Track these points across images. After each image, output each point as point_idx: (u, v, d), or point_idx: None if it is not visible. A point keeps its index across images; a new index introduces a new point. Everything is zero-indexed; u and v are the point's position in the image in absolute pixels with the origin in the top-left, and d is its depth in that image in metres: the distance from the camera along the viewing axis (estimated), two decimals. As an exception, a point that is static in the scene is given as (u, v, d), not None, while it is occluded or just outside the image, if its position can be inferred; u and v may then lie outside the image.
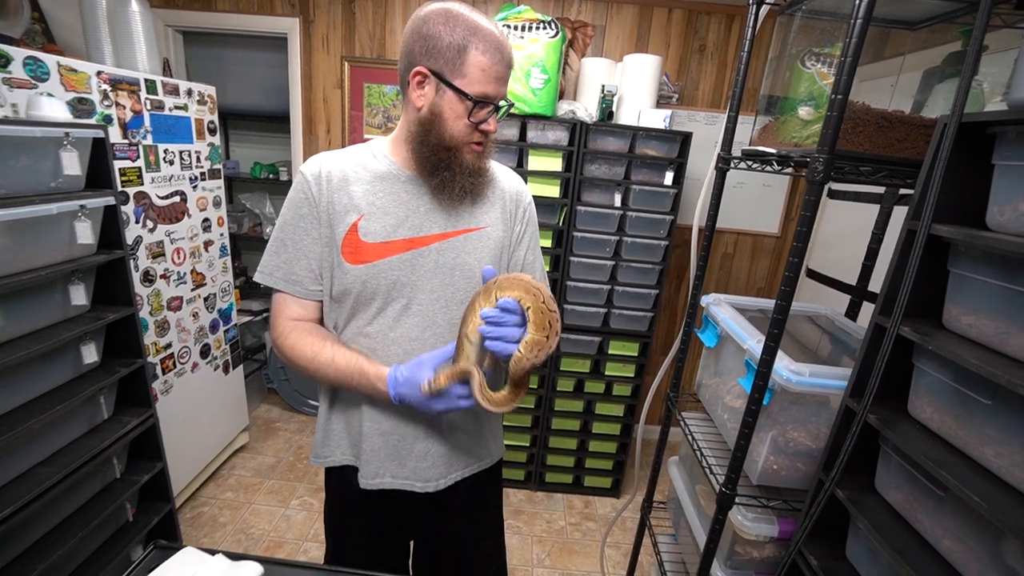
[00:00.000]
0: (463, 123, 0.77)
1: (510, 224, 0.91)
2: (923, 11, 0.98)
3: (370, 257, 0.81)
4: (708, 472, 1.11)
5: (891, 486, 0.83)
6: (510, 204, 0.91)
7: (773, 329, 0.87)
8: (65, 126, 1.04)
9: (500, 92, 0.78)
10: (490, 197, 0.89)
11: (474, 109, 0.75)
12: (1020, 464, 0.64)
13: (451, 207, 0.84)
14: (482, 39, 0.74)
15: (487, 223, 0.87)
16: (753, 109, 1.20)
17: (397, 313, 0.84)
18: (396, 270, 0.82)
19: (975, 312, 0.71)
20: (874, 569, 0.85)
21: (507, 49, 0.77)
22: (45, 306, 1.10)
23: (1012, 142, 0.67)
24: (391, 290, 0.82)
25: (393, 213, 0.82)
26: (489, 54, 0.74)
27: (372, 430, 0.87)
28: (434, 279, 0.84)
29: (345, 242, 0.82)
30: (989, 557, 0.66)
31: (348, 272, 0.82)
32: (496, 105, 0.78)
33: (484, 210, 0.88)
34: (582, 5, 2.26)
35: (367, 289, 0.82)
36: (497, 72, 0.76)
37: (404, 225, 0.82)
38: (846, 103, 0.74)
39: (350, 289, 0.82)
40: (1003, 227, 0.69)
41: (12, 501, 1.02)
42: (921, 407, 0.79)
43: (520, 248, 0.93)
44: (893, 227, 1.31)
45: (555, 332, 0.72)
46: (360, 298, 0.83)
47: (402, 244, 0.82)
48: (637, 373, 2.17)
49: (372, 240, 0.81)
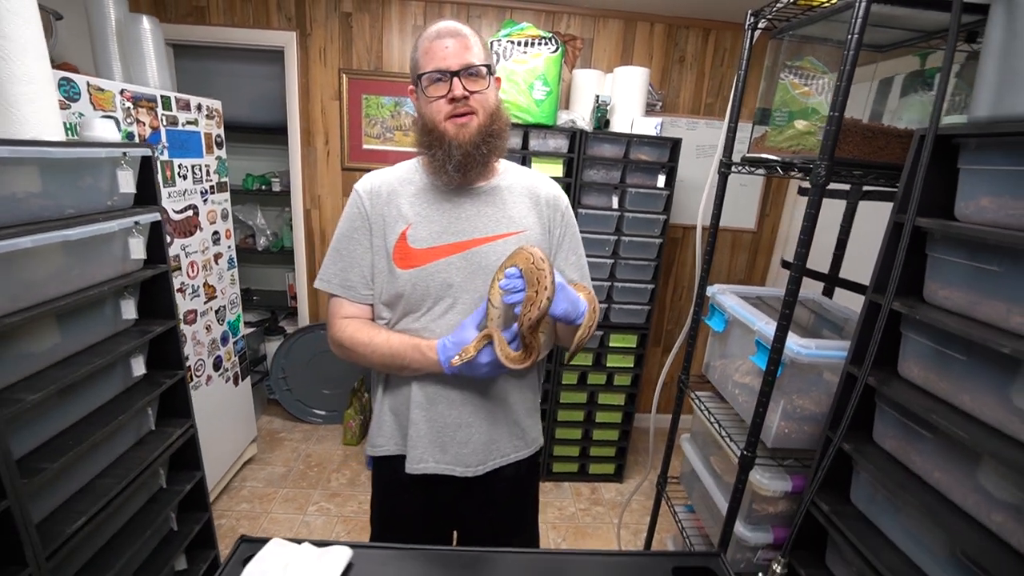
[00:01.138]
0: (431, 103, 0.85)
1: (547, 227, 0.97)
2: (890, 38, 1.17)
3: (419, 262, 0.90)
4: (728, 440, 1.25)
5: (887, 436, 0.99)
6: (547, 209, 0.97)
7: (785, 310, 1.02)
8: (120, 146, 1.08)
9: (448, 63, 0.83)
10: (527, 202, 0.96)
11: (425, 83, 0.84)
12: (990, 405, 0.80)
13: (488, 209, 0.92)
14: (425, 35, 0.85)
15: (526, 227, 0.94)
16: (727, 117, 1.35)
17: (443, 311, 0.92)
18: (443, 272, 0.90)
19: (950, 287, 0.88)
20: (874, 507, 1.02)
21: (445, 28, 0.84)
22: (98, 321, 1.13)
23: (973, 151, 0.84)
24: (439, 291, 0.91)
25: (438, 220, 0.90)
26: (429, 40, 0.84)
27: (419, 417, 0.94)
28: (476, 279, 0.91)
29: (396, 249, 0.91)
30: (969, 481, 0.83)
31: (399, 276, 0.90)
32: (444, 72, 0.83)
33: (523, 214, 0.95)
34: (571, 19, 2.41)
35: (416, 291, 0.90)
36: (437, 48, 0.83)
37: (448, 231, 0.90)
38: (842, 118, 0.90)
39: (401, 292, 0.91)
40: (968, 218, 0.86)
41: (79, 512, 1.05)
42: (909, 368, 0.95)
43: (561, 250, 1.00)
44: (859, 220, 1.50)
45: (543, 287, 0.77)
46: (411, 300, 0.91)
47: (448, 248, 0.90)
48: (636, 363, 2.32)
49: (420, 246, 0.90)
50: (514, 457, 1.01)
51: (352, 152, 2.54)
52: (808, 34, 1.14)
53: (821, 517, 1.06)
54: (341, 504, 2.22)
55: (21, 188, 0.89)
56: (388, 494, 1.06)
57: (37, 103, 0.90)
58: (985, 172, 0.82)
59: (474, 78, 0.84)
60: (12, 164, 0.86)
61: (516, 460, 1.02)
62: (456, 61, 0.83)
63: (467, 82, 0.83)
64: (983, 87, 0.83)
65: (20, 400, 0.89)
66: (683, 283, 2.80)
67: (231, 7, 2.34)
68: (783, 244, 2.72)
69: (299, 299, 2.80)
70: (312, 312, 2.81)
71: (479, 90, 0.85)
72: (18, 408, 0.87)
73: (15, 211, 0.87)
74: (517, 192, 0.95)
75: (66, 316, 1.04)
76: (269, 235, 3.03)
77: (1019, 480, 0.75)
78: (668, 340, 2.89)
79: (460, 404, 0.94)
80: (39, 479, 0.92)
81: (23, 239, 0.84)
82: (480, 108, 0.85)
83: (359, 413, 2.64)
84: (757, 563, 1.27)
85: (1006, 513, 0.77)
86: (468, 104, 0.84)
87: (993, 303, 0.80)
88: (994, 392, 0.79)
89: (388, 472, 1.03)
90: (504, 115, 0.91)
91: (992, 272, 0.80)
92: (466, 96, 0.83)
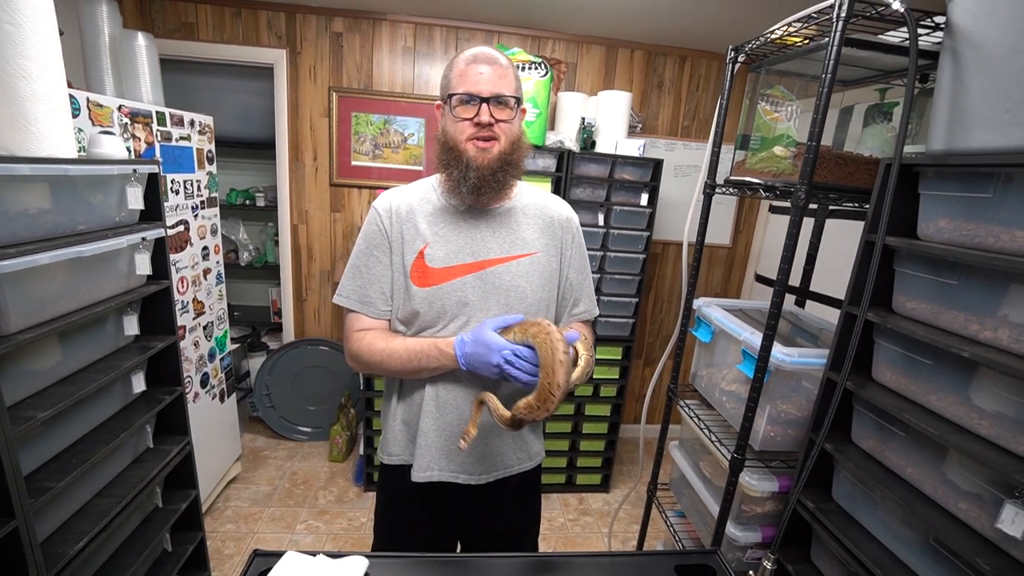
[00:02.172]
0: (456, 122, 0.88)
1: (559, 249, 1.00)
2: (855, 75, 1.30)
3: (435, 280, 0.93)
4: (717, 444, 1.33)
5: (864, 436, 1.08)
6: (559, 231, 1.01)
7: (771, 321, 1.11)
8: (131, 163, 1.09)
9: (480, 89, 0.86)
10: (539, 224, 0.99)
11: (454, 103, 0.87)
12: (953, 404, 0.90)
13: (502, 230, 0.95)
14: (462, 57, 0.89)
15: (537, 249, 0.98)
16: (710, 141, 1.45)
17: (457, 328, 0.95)
18: (458, 291, 0.93)
19: (916, 298, 0.98)
20: (854, 503, 1.10)
21: (482, 54, 0.88)
22: (101, 337, 1.12)
23: (931, 178, 0.96)
24: (454, 309, 0.94)
25: (454, 241, 0.94)
26: (464, 62, 0.88)
27: (428, 427, 0.97)
28: (490, 299, 0.94)
29: (413, 268, 0.94)
30: (937, 475, 0.92)
31: (415, 294, 0.93)
32: (474, 96, 0.86)
33: (535, 236, 0.98)
34: (556, 44, 2.52)
35: (432, 309, 0.94)
36: (471, 72, 0.86)
37: (464, 251, 0.94)
38: (818, 148, 1.00)
39: (417, 309, 0.94)
40: (929, 237, 0.96)
41: (81, 533, 1.03)
42: (882, 372, 1.05)
43: (571, 270, 1.03)
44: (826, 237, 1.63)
45: (546, 411, 0.79)
46: (426, 317, 0.95)
47: (463, 268, 0.94)
48: (621, 375, 2.40)
49: (437, 265, 0.93)
50: (517, 469, 1.04)
51: (341, 168, 2.56)
52: (783, 69, 1.26)
53: (807, 514, 1.14)
54: (330, 521, 2.19)
55: (35, 205, 0.89)
56: (395, 500, 1.07)
57: (54, 121, 0.91)
58: (942, 198, 0.93)
59: (502, 107, 0.88)
60: (31, 181, 0.86)
61: (520, 472, 1.05)
62: (488, 88, 0.86)
63: (495, 110, 0.87)
64: (937, 123, 0.94)
65: (30, 418, 0.88)
66: (663, 297, 2.91)
67: (220, 24, 2.35)
68: (756, 259, 2.87)
69: (284, 315, 2.77)
70: (297, 328, 2.78)
71: (505, 119, 0.88)
72: (28, 426, 0.86)
73: (31, 227, 0.87)
74: (531, 214, 0.99)
75: (70, 332, 1.03)
76: (252, 250, 3.00)
77: (978, 470, 0.84)
78: (649, 352, 2.99)
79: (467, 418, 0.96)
80: (44, 498, 0.91)
81: (41, 255, 0.85)
82: (503, 136, 0.89)
83: (346, 429, 2.61)
84: (747, 561, 1.34)
85: (970, 501, 0.86)
86: (492, 130, 0.87)
87: (953, 312, 0.90)
88: (956, 392, 0.89)
89: (396, 479, 1.04)
90: (524, 144, 0.94)
91: (951, 285, 0.91)
92: (491, 123, 0.87)
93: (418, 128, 2.54)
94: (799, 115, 1.29)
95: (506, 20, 2.39)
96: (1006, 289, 0.82)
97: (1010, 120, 0.81)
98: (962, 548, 0.82)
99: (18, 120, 0.85)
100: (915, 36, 0.91)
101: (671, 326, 2.94)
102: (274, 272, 2.82)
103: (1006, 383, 0.81)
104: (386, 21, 2.40)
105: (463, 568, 0.91)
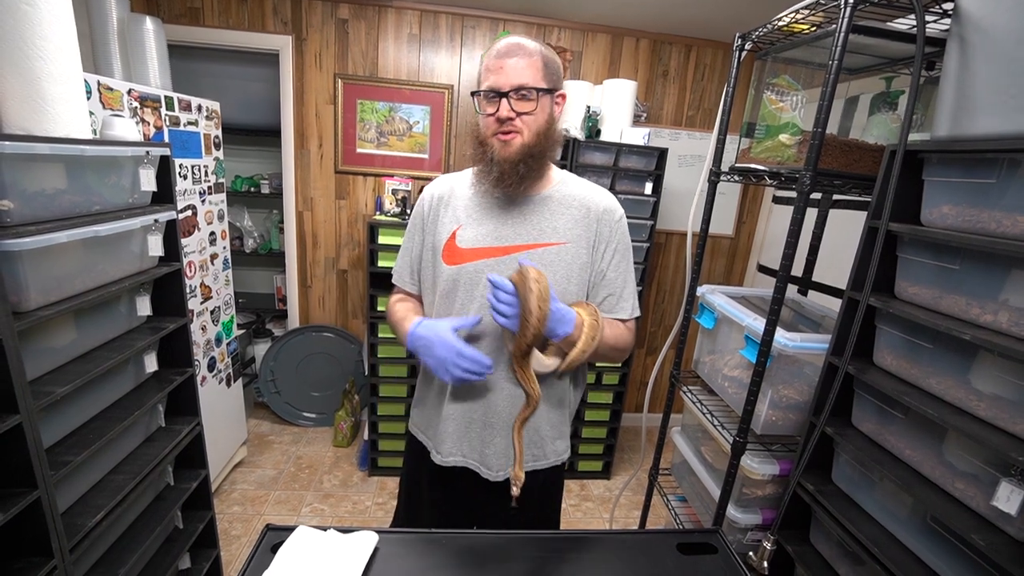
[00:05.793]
0: (484, 118, 0.92)
1: (593, 242, 0.98)
2: (860, 63, 1.30)
3: (462, 259, 0.97)
4: (720, 428, 1.35)
5: (864, 419, 1.10)
6: (594, 222, 0.98)
7: (774, 306, 1.13)
8: (144, 145, 1.10)
9: (499, 84, 0.87)
10: (576, 214, 0.98)
11: (480, 99, 0.91)
12: (953, 386, 0.91)
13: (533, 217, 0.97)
14: (491, 51, 0.90)
15: (568, 239, 0.97)
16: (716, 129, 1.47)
17: (476, 310, 0.96)
18: (482, 271, 0.95)
19: (918, 284, 1.00)
20: (853, 485, 1.12)
21: (508, 46, 0.89)
22: (115, 316, 1.14)
23: (935, 164, 0.96)
24: (467, 288, 0.97)
25: (485, 224, 0.98)
26: (492, 57, 0.90)
27: (450, 413, 1.00)
28: None
29: (446, 247, 0.99)
30: (936, 456, 0.94)
31: (443, 271, 0.99)
32: (495, 91, 0.88)
33: (567, 227, 0.97)
34: (562, 32, 2.51)
35: (449, 284, 0.98)
36: (495, 66, 0.87)
37: (492, 235, 0.97)
38: (824, 134, 1.01)
39: (442, 285, 0.99)
40: (932, 223, 0.98)
41: (98, 507, 1.05)
42: (883, 357, 1.07)
43: (606, 265, 1.00)
44: (829, 229, 1.64)
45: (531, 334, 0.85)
46: (444, 292, 0.99)
47: (488, 251, 0.97)
48: (624, 363, 2.42)
49: (466, 246, 0.98)
50: (533, 465, 1.04)
51: (346, 155, 2.57)
52: (789, 57, 1.26)
53: (807, 496, 1.17)
54: (335, 505, 2.23)
55: (52, 185, 0.91)
56: (416, 471, 1.11)
57: (70, 103, 0.92)
58: (946, 184, 0.94)
59: (523, 100, 0.87)
60: (48, 161, 0.88)
61: (533, 470, 1.04)
62: (508, 82, 0.86)
63: (516, 103, 0.87)
64: (943, 110, 0.95)
65: (49, 392, 0.90)
66: (665, 286, 2.93)
67: (226, 9, 2.35)
68: (759, 249, 2.88)
69: (289, 301, 2.79)
70: (302, 315, 2.81)
71: (527, 111, 0.88)
72: (49, 399, 0.89)
73: (49, 207, 0.89)
74: (569, 204, 0.98)
75: (85, 311, 1.05)
76: (257, 237, 3.01)
77: (976, 450, 0.86)
78: (652, 341, 3.01)
79: (487, 405, 0.99)
80: (65, 470, 0.93)
81: (59, 234, 0.86)
82: (526, 128, 0.89)
83: (350, 415, 2.64)
84: (747, 543, 1.36)
85: (967, 481, 0.88)
86: (513, 124, 0.88)
87: (954, 297, 0.92)
88: (956, 375, 0.91)
89: (419, 455, 1.09)
90: (554, 134, 0.94)
91: (953, 270, 0.92)
92: (511, 118, 0.87)
93: (423, 116, 2.54)
94: (804, 105, 1.29)
95: (511, 7, 2.38)
96: (1007, 274, 0.83)
97: (1015, 105, 0.81)
98: (958, 526, 0.84)
99: (35, 100, 0.87)
100: (923, 22, 0.92)
101: (673, 316, 2.95)
102: (279, 259, 2.84)
103: (1005, 365, 0.82)
104: (391, 8, 2.39)
105: (471, 545, 0.93)
